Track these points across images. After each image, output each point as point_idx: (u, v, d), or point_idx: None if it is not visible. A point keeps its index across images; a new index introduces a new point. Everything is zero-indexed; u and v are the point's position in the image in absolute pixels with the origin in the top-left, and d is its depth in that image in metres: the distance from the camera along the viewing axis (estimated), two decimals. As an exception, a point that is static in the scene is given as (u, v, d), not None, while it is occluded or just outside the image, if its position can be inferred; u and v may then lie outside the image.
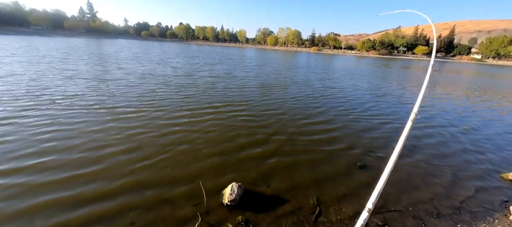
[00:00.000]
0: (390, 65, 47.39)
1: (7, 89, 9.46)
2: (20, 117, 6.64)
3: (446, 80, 25.02)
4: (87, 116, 7.14)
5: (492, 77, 33.61)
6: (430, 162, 5.73)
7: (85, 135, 5.82)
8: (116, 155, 5.00)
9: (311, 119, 8.37)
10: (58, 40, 58.62)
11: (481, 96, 16.35)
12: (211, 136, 6.32)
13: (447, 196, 4.41)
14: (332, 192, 4.24)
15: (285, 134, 6.76)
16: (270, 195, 4.07)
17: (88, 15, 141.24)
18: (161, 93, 10.68)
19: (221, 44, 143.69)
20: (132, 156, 5.02)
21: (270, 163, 5.14)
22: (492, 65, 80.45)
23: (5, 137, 5.40)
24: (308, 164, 5.20)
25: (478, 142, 7.28)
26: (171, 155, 5.18)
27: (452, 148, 6.71)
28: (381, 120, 8.84)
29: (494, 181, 5.09)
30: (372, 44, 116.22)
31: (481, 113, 11.20)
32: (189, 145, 5.68)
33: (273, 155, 5.49)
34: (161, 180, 4.28)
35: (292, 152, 5.72)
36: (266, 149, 5.78)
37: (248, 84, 14.58)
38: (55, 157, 4.79)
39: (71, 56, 23.20)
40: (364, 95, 13.55)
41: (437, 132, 7.94)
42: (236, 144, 5.91)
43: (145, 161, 4.85)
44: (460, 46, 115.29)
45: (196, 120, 7.46)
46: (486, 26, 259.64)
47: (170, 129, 6.59)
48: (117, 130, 6.24)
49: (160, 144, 5.65)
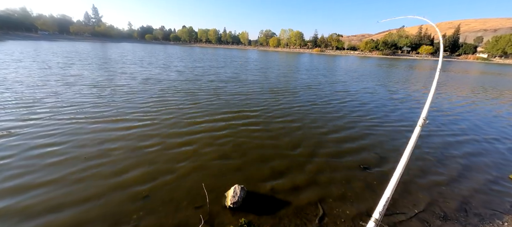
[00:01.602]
0: (395, 65, 46.94)
1: (15, 95, 9.66)
2: (22, 126, 6.77)
3: (453, 80, 24.63)
4: (89, 116, 7.24)
5: (500, 76, 32.97)
6: (437, 163, 5.63)
7: (90, 134, 5.90)
8: (119, 155, 5.05)
9: (314, 121, 8.32)
10: (65, 44, 59.79)
11: (489, 96, 16.05)
12: (213, 137, 6.34)
13: (454, 198, 4.32)
14: (335, 195, 4.20)
15: (288, 137, 6.73)
16: (273, 198, 4.04)
17: (93, 20, 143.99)
18: (167, 97, 10.77)
19: (224, 46, 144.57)
20: (136, 158, 5.06)
21: (272, 165, 5.11)
22: (499, 64, 78.97)
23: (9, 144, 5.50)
24: (311, 166, 5.16)
25: (486, 143, 7.13)
26: (175, 157, 5.21)
27: (459, 149, 6.58)
28: (388, 121, 8.73)
29: (503, 183, 4.97)
30: (376, 44, 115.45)
31: (490, 114, 10.98)
32: (192, 147, 5.70)
33: (275, 157, 5.47)
34: (164, 182, 4.29)
35: (295, 154, 5.69)
36: (270, 151, 5.76)
37: (254, 89, 14.60)
38: (59, 149, 4.86)
39: (79, 60, 23.64)
40: (372, 97, 13.43)
41: (444, 132, 7.81)
42: (239, 147, 5.90)
43: (148, 162, 4.89)
44: (465, 45, 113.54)
45: (198, 122, 7.49)
46: (492, 24, 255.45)
47: (174, 130, 6.63)
48: (119, 131, 6.31)
49: (165, 147, 5.68)
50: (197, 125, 7.24)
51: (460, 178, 5.06)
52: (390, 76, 25.26)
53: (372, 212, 3.72)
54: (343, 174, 4.90)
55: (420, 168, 5.36)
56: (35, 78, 13.12)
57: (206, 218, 3.47)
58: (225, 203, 3.75)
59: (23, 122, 6.64)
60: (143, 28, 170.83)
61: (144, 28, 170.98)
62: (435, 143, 6.87)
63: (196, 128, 6.94)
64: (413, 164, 5.48)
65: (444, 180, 4.93)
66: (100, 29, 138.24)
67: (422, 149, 6.31)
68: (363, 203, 3.98)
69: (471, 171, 5.36)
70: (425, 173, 5.17)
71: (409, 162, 5.42)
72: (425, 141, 6.92)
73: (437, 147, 6.59)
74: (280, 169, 4.95)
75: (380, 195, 1.95)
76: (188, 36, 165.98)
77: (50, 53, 30.26)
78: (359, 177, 4.80)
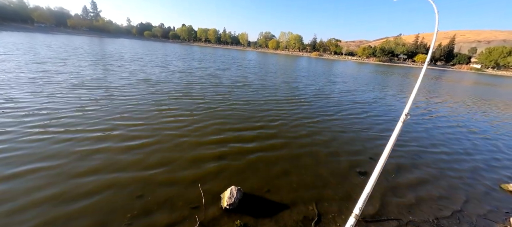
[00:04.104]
0: (392, 72, 47.58)
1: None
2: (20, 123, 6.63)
3: (446, 89, 25.09)
4: (90, 116, 7.13)
5: (491, 86, 33.74)
6: (429, 170, 5.71)
7: (89, 133, 5.80)
8: (114, 154, 4.98)
9: (314, 125, 8.36)
10: (61, 38, 58.83)
11: (483, 105, 16.39)
12: (213, 138, 6.30)
13: (447, 206, 4.38)
14: (331, 199, 4.21)
15: (285, 138, 6.74)
16: (270, 200, 4.03)
17: (91, 14, 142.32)
18: (161, 95, 10.69)
19: (223, 47, 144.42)
20: (129, 155, 5.00)
21: (270, 168, 5.10)
22: (492, 75, 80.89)
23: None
24: (309, 170, 5.17)
25: (478, 152, 7.26)
26: (170, 156, 5.16)
27: (452, 157, 6.69)
28: (382, 123, 8.83)
29: (494, 192, 5.06)
30: (373, 51, 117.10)
31: (482, 123, 11.21)
32: (190, 147, 5.66)
33: (273, 160, 5.46)
34: (159, 182, 4.24)
35: (293, 157, 5.69)
36: (266, 153, 5.75)
37: (253, 88, 14.62)
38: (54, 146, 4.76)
39: (74, 56, 23.26)
40: (366, 101, 13.58)
41: (438, 140, 7.93)
42: (236, 148, 5.89)
43: (142, 161, 4.83)
44: (460, 55, 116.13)
45: (201, 124, 7.45)
46: (486, 36, 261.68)
47: (170, 129, 6.58)
48: (118, 129, 6.22)
49: (161, 146, 5.63)
50: (194, 124, 7.19)
51: (452, 186, 5.13)
52: (399, 85, 25.58)
53: (369, 217, 3.77)
54: (340, 178, 4.92)
55: (412, 174, 5.42)
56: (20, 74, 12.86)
57: (201, 218, 3.43)
58: (221, 204, 3.72)
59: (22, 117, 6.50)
60: (142, 24, 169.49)
61: (143, 24, 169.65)
62: (427, 150, 6.97)
63: (193, 127, 6.90)
64: (405, 170, 5.54)
65: (435, 187, 4.99)
66: (98, 23, 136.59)
67: (414, 156, 6.39)
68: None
69: (462, 179, 5.44)
70: (417, 179, 5.23)
71: (400, 168, 5.48)
72: (417, 148, 7.02)
73: (429, 154, 6.69)
74: (277, 172, 4.94)
75: (378, 199, 1.97)
76: (187, 34, 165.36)
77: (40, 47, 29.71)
78: (355, 182, 4.83)
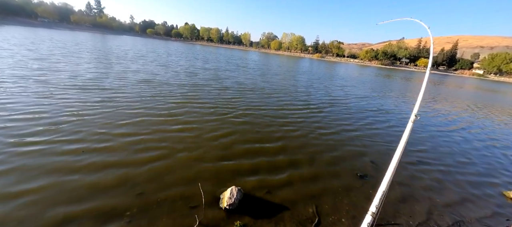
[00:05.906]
0: (393, 76, 47.47)
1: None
2: (21, 108, 6.63)
3: (448, 94, 24.98)
4: (92, 114, 7.13)
5: (494, 92, 33.57)
6: (432, 177, 5.67)
7: (91, 128, 5.80)
8: (113, 150, 4.97)
9: (314, 127, 8.33)
10: (64, 33, 59.00)
11: (486, 111, 16.30)
12: (212, 139, 6.29)
13: (449, 212, 4.35)
14: (331, 202, 4.19)
15: (286, 140, 6.72)
16: (270, 201, 4.01)
17: (95, 10, 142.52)
18: (163, 94, 10.69)
19: (225, 46, 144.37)
20: (132, 155, 4.99)
21: (270, 169, 5.09)
22: (494, 81, 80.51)
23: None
24: (309, 172, 5.15)
25: (481, 159, 7.22)
26: (171, 155, 5.15)
27: (455, 163, 6.66)
28: (386, 126, 8.79)
29: (496, 199, 5.02)
30: (375, 54, 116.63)
31: (486, 130, 11.14)
32: (191, 147, 5.64)
33: (274, 161, 5.45)
34: (159, 180, 4.23)
35: (294, 159, 5.67)
36: (267, 155, 5.73)
37: (252, 90, 14.60)
38: (54, 150, 4.75)
39: (78, 52, 23.32)
40: (367, 105, 13.53)
41: (440, 146, 7.90)
42: (237, 149, 5.87)
43: (142, 159, 4.82)
44: (462, 61, 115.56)
45: (201, 125, 7.44)
46: (488, 42, 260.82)
47: (178, 134, 6.57)
48: (119, 129, 6.22)
49: (161, 145, 5.62)
50: (194, 124, 7.18)
51: (454, 192, 5.11)
52: (403, 89, 25.50)
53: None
54: (340, 181, 4.90)
55: (414, 180, 5.39)
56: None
57: (201, 218, 3.42)
58: (221, 204, 3.71)
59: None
60: (145, 22, 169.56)
61: (146, 22, 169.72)
62: (430, 156, 6.94)
63: (193, 126, 6.89)
64: (408, 176, 5.51)
65: (438, 193, 4.97)
66: (101, 20, 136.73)
67: (417, 162, 6.36)
68: (359, 210, 3.97)
69: (465, 186, 5.42)
70: (420, 185, 5.20)
71: (404, 173, 5.45)
72: (420, 154, 6.98)
73: (432, 160, 6.66)
74: (278, 173, 4.92)
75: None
76: (190, 33, 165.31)
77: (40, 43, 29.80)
78: (355, 185, 4.80)
